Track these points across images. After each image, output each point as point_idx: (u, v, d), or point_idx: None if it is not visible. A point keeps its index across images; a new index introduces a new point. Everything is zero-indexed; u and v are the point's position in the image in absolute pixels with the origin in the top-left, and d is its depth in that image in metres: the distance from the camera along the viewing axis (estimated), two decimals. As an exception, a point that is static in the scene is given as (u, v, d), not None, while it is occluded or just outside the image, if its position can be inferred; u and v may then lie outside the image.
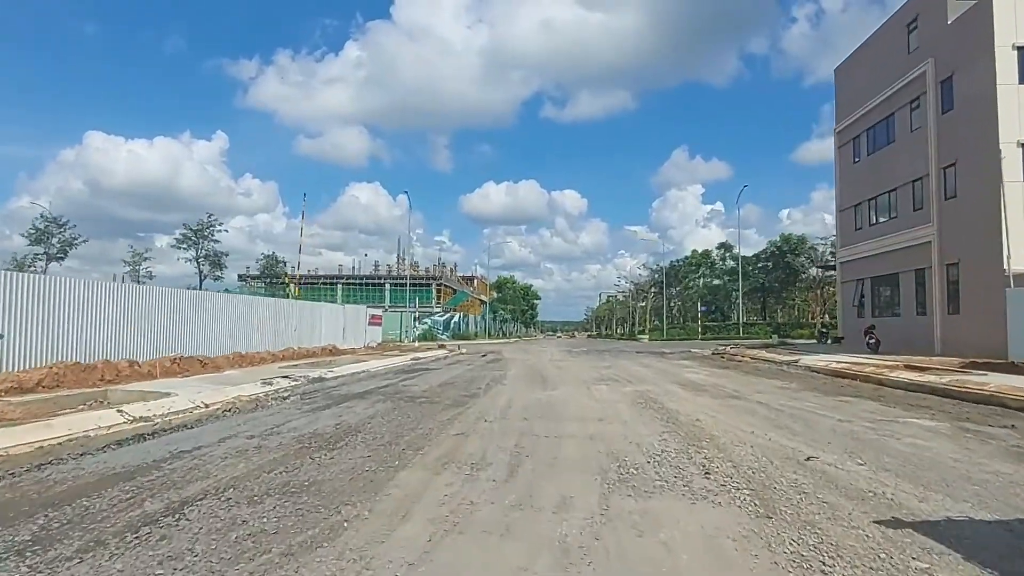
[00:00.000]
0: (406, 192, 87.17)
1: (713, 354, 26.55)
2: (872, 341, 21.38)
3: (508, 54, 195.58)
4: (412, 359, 20.00)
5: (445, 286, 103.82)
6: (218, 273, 37.34)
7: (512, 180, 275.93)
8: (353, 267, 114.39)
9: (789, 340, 35.11)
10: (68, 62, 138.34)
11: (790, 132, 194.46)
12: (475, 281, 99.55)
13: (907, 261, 22.61)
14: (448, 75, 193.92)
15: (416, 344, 34.57)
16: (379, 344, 28.39)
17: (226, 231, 34.75)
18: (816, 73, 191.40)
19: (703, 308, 53.33)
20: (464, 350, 30.47)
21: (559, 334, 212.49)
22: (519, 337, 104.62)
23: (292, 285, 41.91)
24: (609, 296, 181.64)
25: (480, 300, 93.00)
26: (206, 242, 35.99)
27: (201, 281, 36.93)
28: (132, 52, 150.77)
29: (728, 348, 27.52)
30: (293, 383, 11.39)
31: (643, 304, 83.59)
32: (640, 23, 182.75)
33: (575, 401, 9.93)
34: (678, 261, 65.57)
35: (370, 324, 27.49)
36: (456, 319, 54.49)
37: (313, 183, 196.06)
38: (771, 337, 40.86)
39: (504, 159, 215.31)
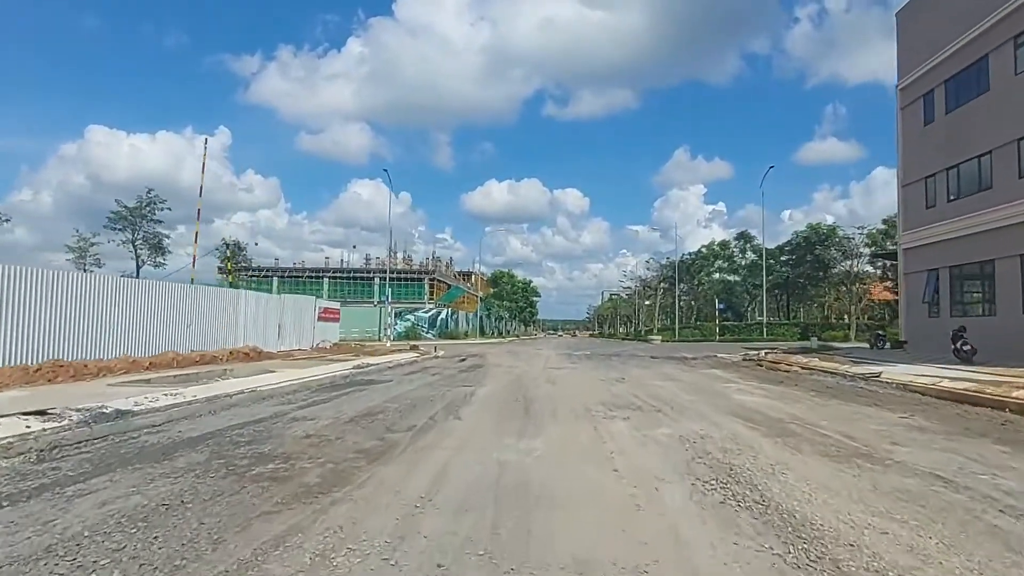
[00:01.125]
0: (385, 170, 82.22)
1: (745, 360, 21.81)
2: (965, 348, 16.54)
3: (510, 52, 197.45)
4: (358, 366, 15.17)
5: (439, 281, 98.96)
6: (160, 260, 32.63)
7: (514, 178, 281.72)
8: (342, 260, 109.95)
9: (832, 344, 30.21)
10: (69, 56, 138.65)
11: (792, 133, 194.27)
12: (473, 277, 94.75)
13: (1007, 244, 17.75)
14: (450, 72, 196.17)
15: (389, 345, 29.78)
16: (334, 345, 23.58)
17: (169, 208, 29.51)
18: (819, 74, 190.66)
19: (721, 306, 48.55)
20: (442, 352, 25.67)
21: (560, 333, 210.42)
22: (517, 336, 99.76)
23: (230, 274, 37.04)
24: (612, 294, 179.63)
25: (477, 297, 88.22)
26: (145, 222, 31.30)
27: (139, 268, 32.31)
28: (133, 46, 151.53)
29: (763, 353, 22.68)
30: (26, 429, 6.28)
31: (649, 302, 78.73)
32: (642, 22, 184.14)
33: (576, 472, 5.10)
34: (690, 254, 60.83)
35: (320, 320, 22.67)
36: (443, 316, 49.72)
37: (315, 179, 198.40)
38: (807, 339, 36.13)
39: (506, 157, 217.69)
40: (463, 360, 21.05)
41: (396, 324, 46.27)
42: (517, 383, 13.06)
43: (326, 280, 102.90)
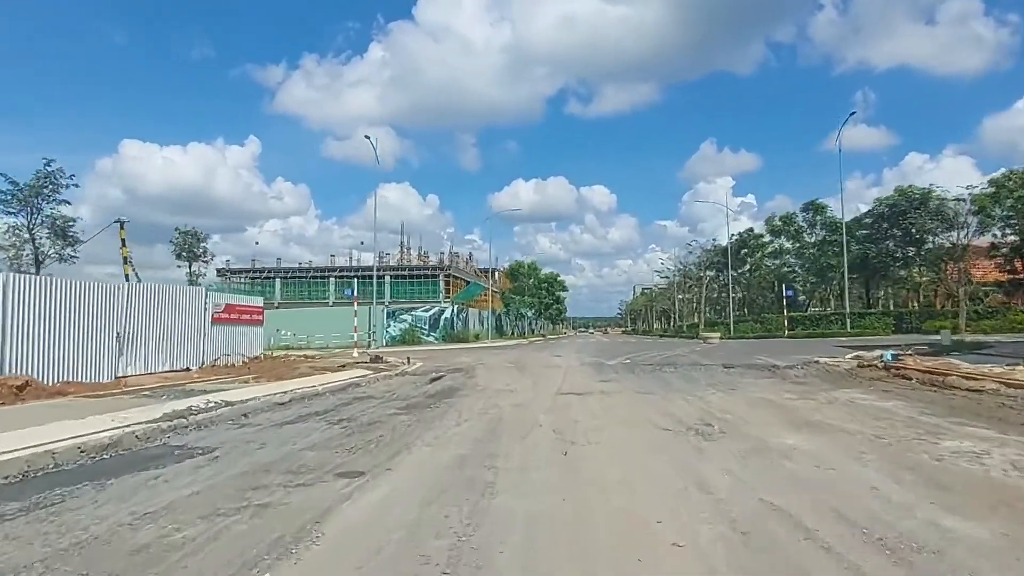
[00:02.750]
0: (367, 136, 75.70)
1: (863, 366, 14.45)
2: None
3: (531, 51, 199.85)
4: (191, 410, 7.97)
5: (455, 277, 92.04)
6: (71, 252, 26.27)
7: (540, 177, 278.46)
8: (351, 258, 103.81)
9: (967, 340, 22.22)
10: (102, 73, 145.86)
11: (820, 121, 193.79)
12: (496, 274, 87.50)
13: None
14: (472, 73, 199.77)
15: (356, 355, 22.76)
16: (251, 360, 16.52)
17: (76, 185, 22.73)
18: (846, 60, 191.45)
19: (789, 293, 40.38)
20: (417, 364, 18.63)
21: (591, 330, 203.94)
22: (542, 336, 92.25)
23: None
24: (644, 288, 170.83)
25: (490, 292, 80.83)
26: (46, 204, 25.14)
27: (39, 262, 25.86)
28: (162, 61, 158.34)
29: (910, 357, 14.97)
30: None
31: (688, 295, 70.46)
32: (663, 15, 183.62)
33: None
34: (740, 234, 52.33)
35: (222, 322, 15.68)
36: (448, 315, 42.61)
37: (343, 185, 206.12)
38: (905, 332, 28.42)
39: (531, 156, 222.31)
40: (434, 380, 13.95)
41: (389, 326, 39.38)
42: (483, 454, 5.84)
43: (331, 279, 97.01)
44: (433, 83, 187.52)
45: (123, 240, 30.28)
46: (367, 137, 35.93)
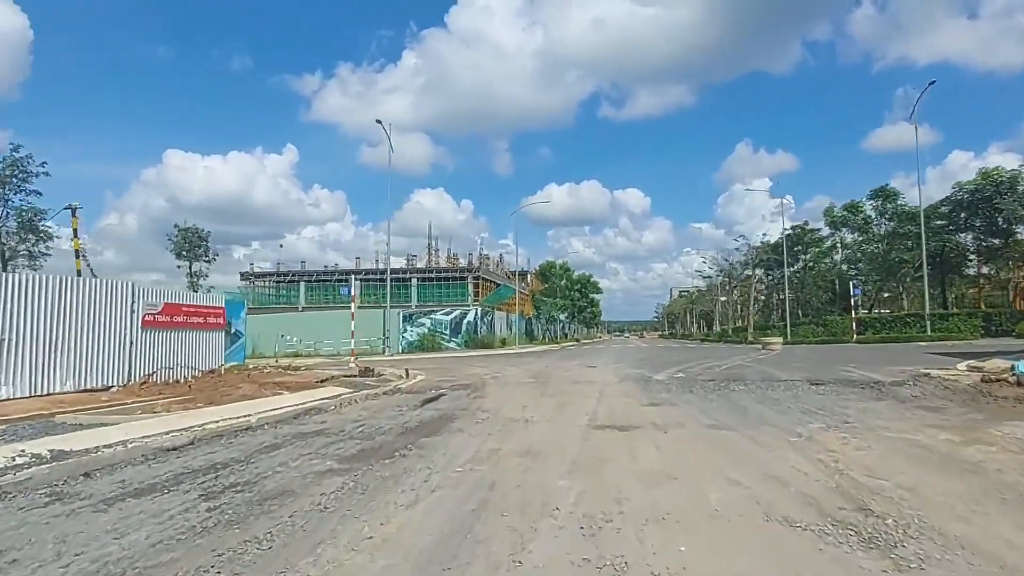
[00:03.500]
0: (378, 121, 73.00)
1: (987, 381, 10.85)
2: None
3: (563, 55, 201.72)
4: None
5: (485, 279, 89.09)
6: (40, 247, 23.78)
7: (574, 181, 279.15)
8: (376, 261, 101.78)
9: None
10: (147, 86, 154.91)
11: (859, 119, 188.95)
12: (529, 277, 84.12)
13: None
14: (504, 79, 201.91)
15: (353, 364, 19.75)
16: (201, 376, 13.47)
17: (46, 174, 20.30)
18: (885, 58, 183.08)
19: (856, 292, 35.72)
20: (419, 377, 15.56)
21: (627, 335, 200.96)
22: (576, 340, 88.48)
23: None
24: (682, 291, 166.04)
25: (530, 295, 77.54)
26: (13, 194, 22.69)
27: (3, 259, 23.36)
28: (203, 72, 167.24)
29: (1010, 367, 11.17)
30: None
31: (733, 296, 65.85)
32: (695, 16, 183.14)
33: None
34: (796, 227, 47.49)
35: (153, 327, 12.61)
36: (471, 318, 39.41)
37: (378, 191, 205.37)
38: (998, 335, 24.07)
39: (564, 160, 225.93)
40: (428, 402, 10.74)
41: (406, 331, 36.38)
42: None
43: (356, 281, 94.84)
44: (466, 89, 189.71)
45: (75, 231, 27.29)
46: (378, 122, 33.05)
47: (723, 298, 65.45)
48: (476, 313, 40.39)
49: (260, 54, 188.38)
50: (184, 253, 33.85)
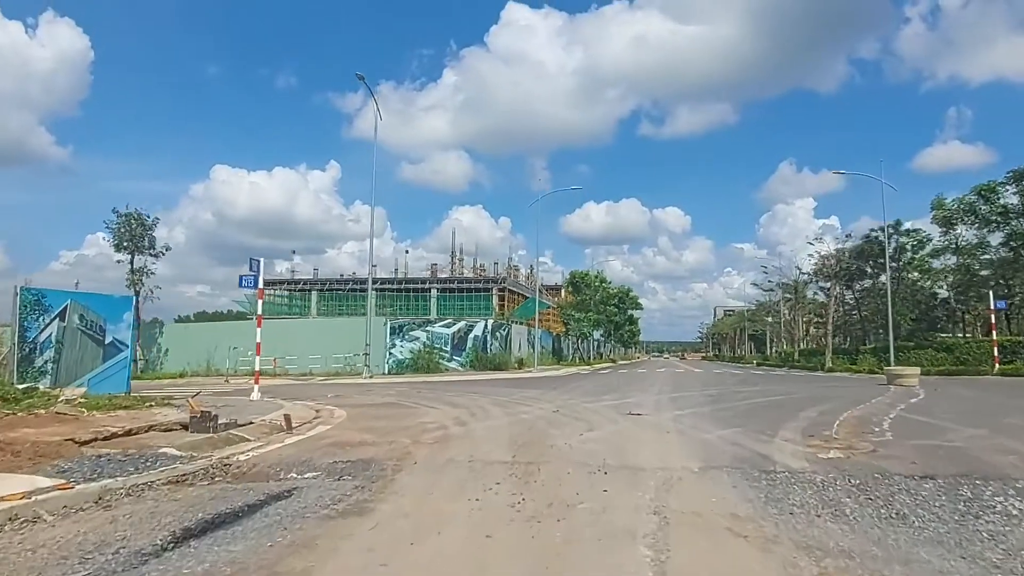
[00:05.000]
0: (361, 77, 67.07)
1: None
2: None
3: (603, 72, 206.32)
4: None
5: (511, 291, 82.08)
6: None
7: (612, 200, 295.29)
8: (396, 270, 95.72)
9: None
10: (195, 102, 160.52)
11: (908, 139, 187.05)
12: (563, 292, 76.79)
13: None
14: (544, 97, 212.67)
15: (258, 395, 12.94)
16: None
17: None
18: (936, 76, 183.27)
19: (1000, 305, 27.36)
20: (318, 428, 8.81)
21: (666, 355, 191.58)
22: (612, 361, 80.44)
23: None
24: (727, 310, 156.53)
25: (559, 309, 70.50)
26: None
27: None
28: (250, 90, 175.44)
29: None
30: None
31: (798, 313, 57.36)
32: (738, 33, 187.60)
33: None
34: (887, 227, 38.61)
35: None
36: (478, 333, 32.36)
37: (418, 208, 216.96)
38: None
39: (603, 178, 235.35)
40: (183, 540, 3.59)
41: (394, 346, 29.58)
42: None
43: (373, 292, 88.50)
44: (505, 107, 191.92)
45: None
46: (360, 78, 26.52)
47: (786, 313, 56.91)
48: (485, 327, 33.29)
49: (305, 73, 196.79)
50: (125, 244, 27.81)
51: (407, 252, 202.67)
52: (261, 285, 15.39)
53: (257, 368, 16.56)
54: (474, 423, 10.22)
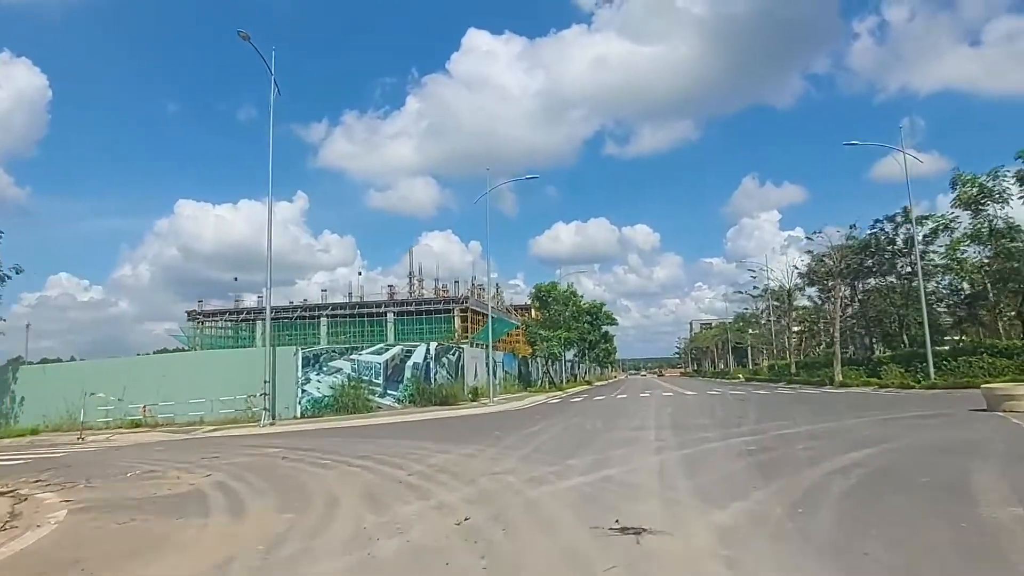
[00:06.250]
0: (244, 36, 60.99)
1: None
2: None
3: (565, 95, 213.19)
4: None
5: (475, 311, 75.93)
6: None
7: (581, 219, 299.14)
8: (350, 294, 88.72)
9: None
10: (156, 139, 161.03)
11: (866, 150, 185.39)
12: (533, 312, 70.64)
13: None
14: (508, 120, 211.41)
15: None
16: None
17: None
18: (887, 89, 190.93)
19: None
20: None
21: (643, 372, 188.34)
22: (587, 383, 74.53)
23: None
24: (703, 323, 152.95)
25: (523, 328, 64.81)
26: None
27: None
28: (210, 124, 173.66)
29: None
30: None
31: (804, 319, 52.48)
32: (693, 52, 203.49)
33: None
34: (895, 216, 33.70)
35: None
36: (420, 359, 26.27)
37: (387, 235, 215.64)
38: None
39: (571, 199, 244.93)
40: None
41: (308, 381, 23.39)
42: None
43: (323, 319, 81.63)
44: (469, 131, 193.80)
45: None
46: (243, 36, 20.55)
47: (775, 323, 52.05)
48: (428, 352, 27.18)
49: (266, 105, 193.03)
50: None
51: (360, 274, 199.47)
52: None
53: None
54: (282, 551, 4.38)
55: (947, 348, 27.30)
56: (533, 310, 66.22)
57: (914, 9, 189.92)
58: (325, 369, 23.77)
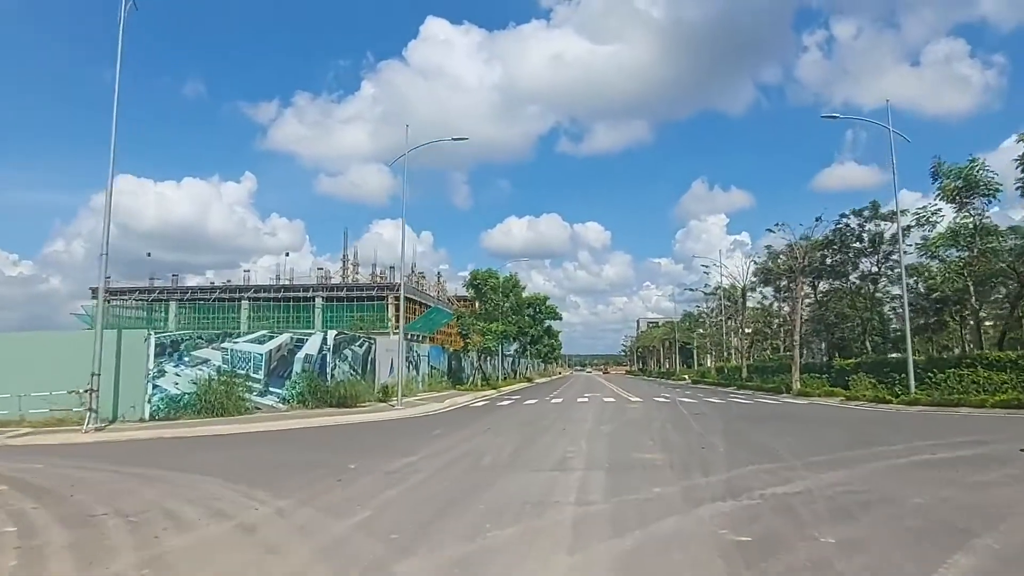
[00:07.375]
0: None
1: None
2: None
3: (522, 90, 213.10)
4: None
5: (411, 300, 71.04)
6: None
7: (533, 214, 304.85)
8: (277, 276, 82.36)
9: None
10: (94, 109, 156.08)
11: (810, 159, 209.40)
12: (477, 304, 66.12)
13: None
14: (463, 112, 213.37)
15: None
16: None
17: None
18: (832, 102, 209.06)
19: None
20: None
21: (588, 369, 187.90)
22: (527, 380, 70.88)
23: None
24: (651, 322, 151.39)
25: (457, 318, 60.38)
26: None
27: None
28: (154, 98, 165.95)
29: None
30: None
31: (758, 320, 50.20)
32: (652, 55, 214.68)
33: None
34: (850, 214, 30.90)
35: None
36: (315, 349, 21.86)
37: (338, 221, 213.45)
38: None
39: (524, 194, 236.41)
40: None
41: (164, 375, 18.71)
42: None
43: (245, 302, 75.29)
44: (425, 120, 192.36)
45: None
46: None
47: (726, 324, 49.45)
48: (324, 342, 22.76)
49: (214, 81, 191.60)
50: None
51: (287, 255, 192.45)
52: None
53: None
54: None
55: (923, 358, 24.53)
56: (478, 304, 61.92)
57: (860, 27, 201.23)
58: (187, 360, 19.06)
